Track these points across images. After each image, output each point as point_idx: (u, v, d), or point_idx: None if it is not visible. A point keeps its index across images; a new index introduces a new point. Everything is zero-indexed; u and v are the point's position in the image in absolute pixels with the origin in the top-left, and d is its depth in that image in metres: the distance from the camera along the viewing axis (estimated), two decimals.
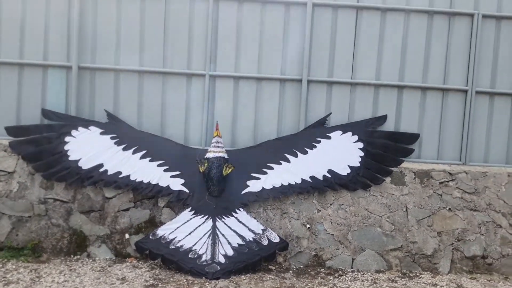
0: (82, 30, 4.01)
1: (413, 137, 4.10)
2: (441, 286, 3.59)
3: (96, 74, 4.06)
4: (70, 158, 3.80)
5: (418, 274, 3.81)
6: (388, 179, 3.94)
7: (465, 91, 4.13)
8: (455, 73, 4.14)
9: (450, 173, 3.98)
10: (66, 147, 3.83)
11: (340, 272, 3.76)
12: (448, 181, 3.97)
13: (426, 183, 3.96)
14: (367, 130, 4.04)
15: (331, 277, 3.64)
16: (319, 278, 3.61)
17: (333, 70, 4.12)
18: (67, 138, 3.85)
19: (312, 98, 4.09)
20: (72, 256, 3.79)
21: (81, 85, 4.04)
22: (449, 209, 3.93)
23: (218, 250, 3.56)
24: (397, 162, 3.99)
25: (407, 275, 3.78)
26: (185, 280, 3.39)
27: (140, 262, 3.71)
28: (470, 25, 4.10)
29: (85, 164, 3.79)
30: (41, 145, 3.84)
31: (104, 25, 4.03)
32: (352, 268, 3.85)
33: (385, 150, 4.00)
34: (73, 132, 3.87)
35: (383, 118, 4.10)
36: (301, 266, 3.82)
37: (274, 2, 4.08)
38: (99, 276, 3.41)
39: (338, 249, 3.86)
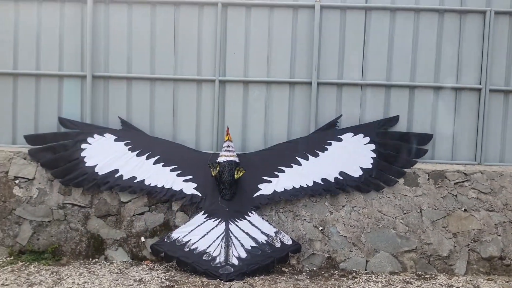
0: (95, 41, 4.12)
1: (426, 138, 4.05)
2: (457, 287, 3.54)
3: (109, 82, 4.17)
4: (86, 165, 3.91)
5: (433, 275, 3.76)
6: (401, 180, 3.91)
7: (479, 90, 4.06)
8: (468, 71, 4.07)
9: (465, 173, 3.92)
10: (82, 154, 3.94)
11: (354, 274, 3.75)
12: (463, 182, 3.91)
13: (440, 183, 3.91)
14: (379, 132, 4.02)
15: (345, 279, 3.63)
16: (333, 280, 3.61)
17: (342, 71, 4.11)
18: (83, 145, 3.97)
19: (322, 101, 4.10)
20: (90, 259, 3.90)
21: (95, 93, 4.15)
22: (465, 209, 3.87)
23: (232, 253, 3.60)
24: (410, 163, 3.95)
25: (422, 276, 3.74)
26: (200, 282, 3.45)
27: (156, 265, 3.79)
28: (482, 23, 4.03)
29: (101, 170, 3.89)
30: (59, 153, 3.97)
31: (116, 35, 4.14)
32: (366, 270, 3.84)
33: (398, 151, 3.97)
34: (89, 139, 3.99)
35: (395, 119, 4.07)
36: (314, 268, 3.83)
37: (282, 6, 4.10)
38: (117, 278, 3.51)
39: (352, 251, 3.86)
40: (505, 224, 3.86)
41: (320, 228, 3.87)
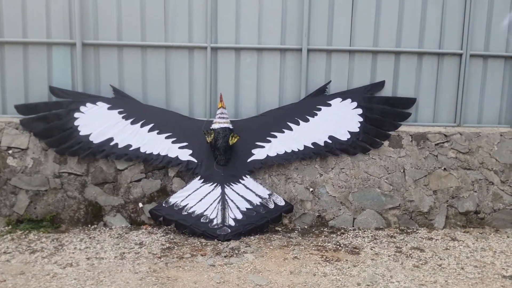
0: (83, 7, 4.03)
1: (410, 102, 4.24)
2: (436, 239, 3.85)
3: (100, 50, 4.12)
4: (80, 134, 3.93)
5: (415, 230, 4.07)
6: (386, 143, 4.11)
7: (460, 55, 4.25)
8: (451, 37, 4.22)
9: (445, 135, 4.17)
10: (76, 123, 3.95)
11: (342, 230, 4.01)
12: (443, 142, 4.16)
13: (422, 145, 4.15)
14: (366, 96, 4.17)
15: (334, 235, 3.89)
16: (323, 236, 3.86)
17: (332, 38, 4.19)
18: (76, 114, 3.96)
19: (312, 67, 4.19)
20: (89, 225, 3.99)
21: (86, 61, 4.11)
22: (444, 168, 4.15)
23: (228, 214, 3.76)
24: (395, 126, 4.15)
25: (405, 231, 4.04)
26: (199, 242, 3.62)
27: (155, 229, 3.93)
28: None
29: (95, 139, 3.92)
30: (51, 122, 3.95)
31: (105, 0, 4.04)
32: (353, 226, 4.10)
33: (383, 115, 4.15)
34: (82, 108, 3.98)
35: (381, 84, 4.23)
36: (306, 227, 4.07)
37: None
38: (118, 242, 3.63)
39: (340, 209, 4.10)
40: (481, 181, 4.17)
41: (311, 189, 4.08)
